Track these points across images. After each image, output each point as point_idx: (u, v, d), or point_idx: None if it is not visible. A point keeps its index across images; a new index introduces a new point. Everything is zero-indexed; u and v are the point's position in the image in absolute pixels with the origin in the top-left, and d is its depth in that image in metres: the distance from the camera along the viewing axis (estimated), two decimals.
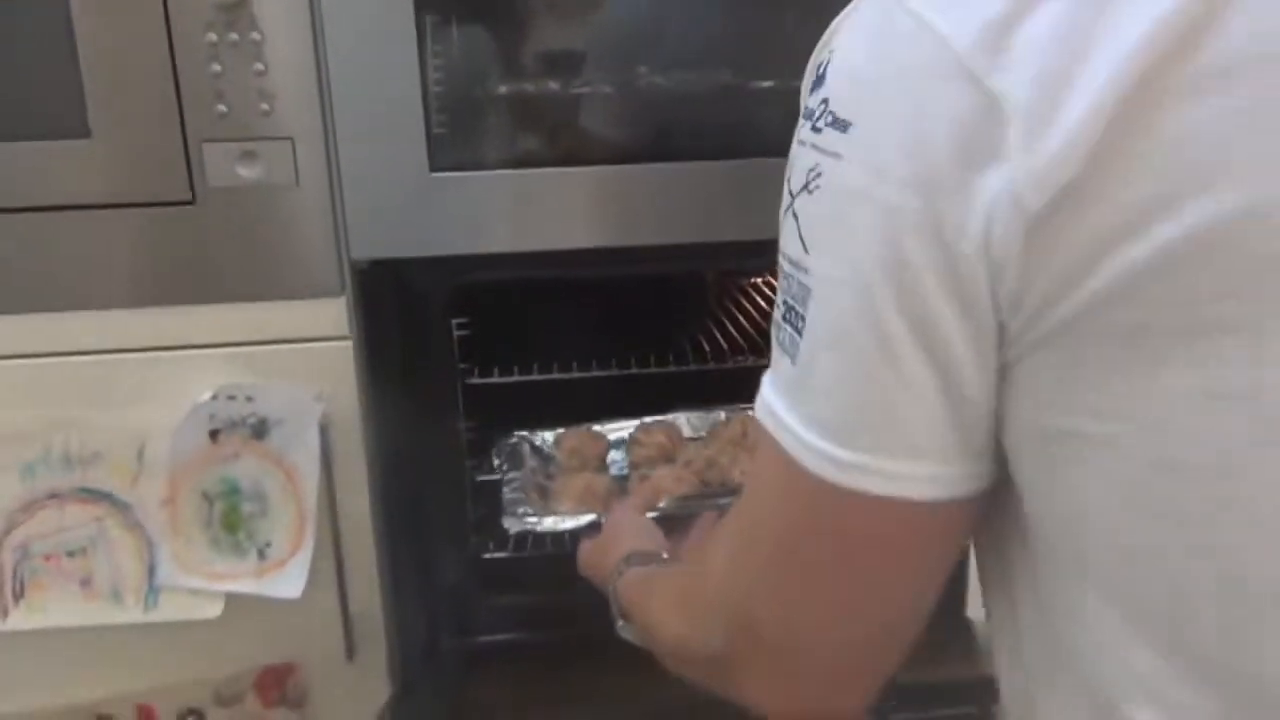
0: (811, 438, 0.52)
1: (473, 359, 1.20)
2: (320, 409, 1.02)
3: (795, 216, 0.52)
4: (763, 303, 1.38)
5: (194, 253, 0.99)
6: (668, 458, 1.25)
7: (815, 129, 0.51)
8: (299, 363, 1.02)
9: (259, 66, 0.95)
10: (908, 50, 0.48)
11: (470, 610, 1.19)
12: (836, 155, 0.50)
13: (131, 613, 1.05)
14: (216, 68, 0.94)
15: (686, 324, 1.41)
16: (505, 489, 1.18)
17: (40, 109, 0.94)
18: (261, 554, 1.05)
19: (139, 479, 1.02)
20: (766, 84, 1.03)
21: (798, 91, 0.55)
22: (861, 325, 0.49)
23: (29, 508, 1.02)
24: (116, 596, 1.05)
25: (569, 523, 1.13)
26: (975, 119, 0.45)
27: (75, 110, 0.94)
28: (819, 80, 0.52)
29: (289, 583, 1.04)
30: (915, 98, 0.47)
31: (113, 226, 0.97)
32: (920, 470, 0.51)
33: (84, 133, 0.94)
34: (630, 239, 1.02)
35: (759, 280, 1.40)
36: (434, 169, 0.99)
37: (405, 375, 1.04)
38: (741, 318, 1.39)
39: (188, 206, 0.97)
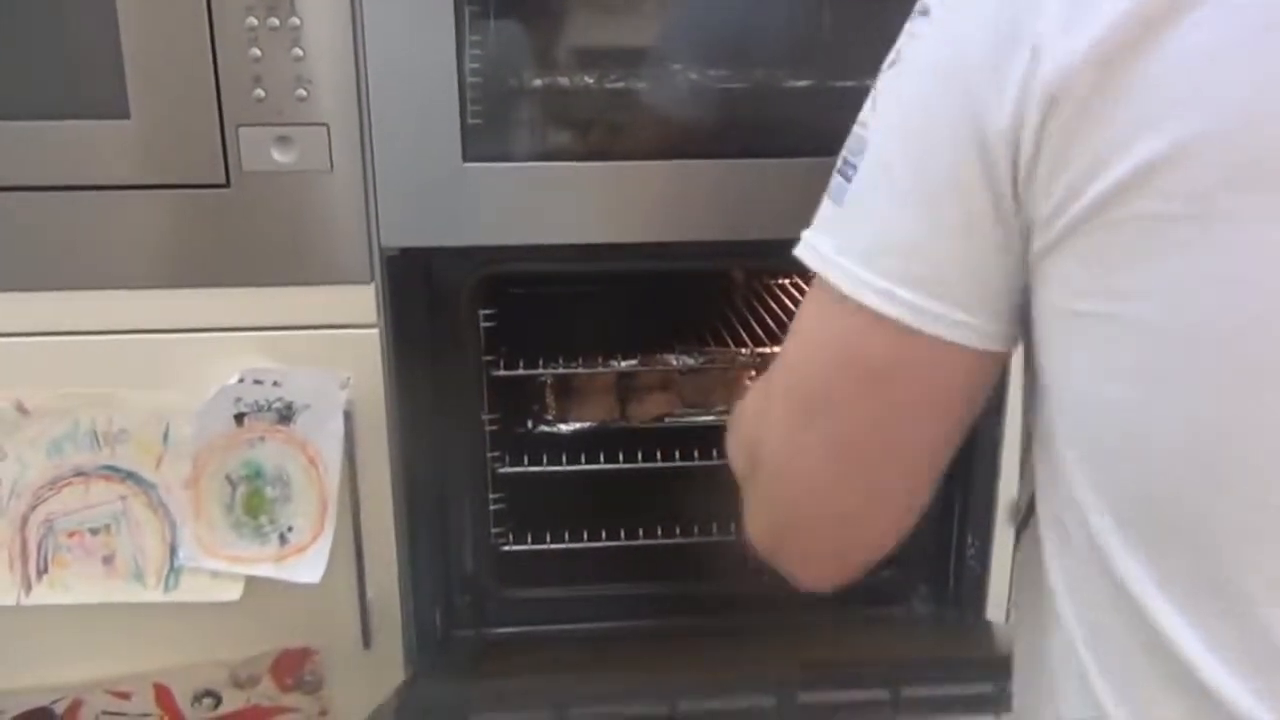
0: (848, 262, 0.57)
1: (498, 351, 1.20)
2: (346, 395, 1.02)
3: (874, 89, 0.58)
4: (789, 303, 1.37)
5: (225, 236, 0.99)
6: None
7: (911, 22, 0.57)
8: (326, 349, 1.03)
9: (297, 52, 0.95)
10: None
11: (488, 602, 1.19)
12: (916, 37, 0.56)
13: (152, 592, 1.06)
14: (256, 52, 0.94)
15: (713, 320, 1.41)
16: None
17: (82, 89, 0.95)
18: (283, 539, 1.05)
19: (164, 459, 1.03)
20: (801, 84, 1.03)
21: (832, 92, 0.59)
22: (904, 167, 0.55)
23: (55, 484, 1.03)
24: (138, 576, 1.05)
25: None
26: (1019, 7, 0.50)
27: (116, 91, 0.94)
28: None
29: (309, 568, 1.05)
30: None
31: (147, 207, 0.98)
32: (944, 310, 0.55)
33: (124, 113, 0.95)
34: (660, 235, 1.02)
35: (786, 281, 1.40)
36: (467, 159, 0.99)
37: (431, 365, 1.04)
38: (768, 317, 1.38)
39: (221, 190, 0.98)
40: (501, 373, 1.20)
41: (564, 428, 1.35)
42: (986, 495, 1.15)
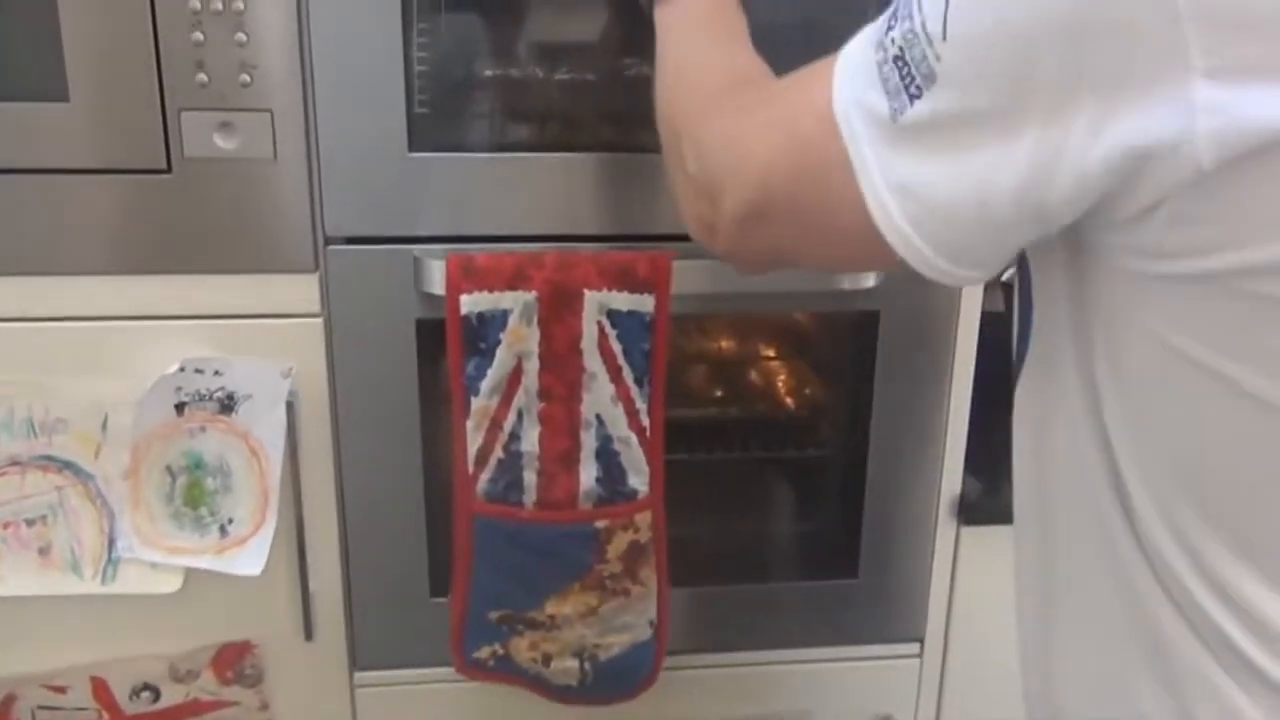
0: (879, 177, 0.56)
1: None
2: (288, 385, 1.02)
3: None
4: None
5: (167, 222, 0.98)
6: None
7: None
8: (269, 338, 1.02)
9: (241, 37, 0.94)
10: None
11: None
12: None
13: (89, 584, 1.04)
14: (198, 36, 0.93)
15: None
16: None
17: (19, 70, 0.93)
18: (223, 530, 1.04)
19: (102, 449, 1.01)
20: None
21: None
22: (973, 137, 0.53)
23: None
24: (75, 567, 1.04)
25: None
26: (1160, 44, 0.47)
27: (55, 73, 0.93)
28: None
29: (250, 560, 1.04)
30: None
31: (87, 192, 0.97)
32: (943, 265, 0.57)
33: (62, 96, 0.93)
34: (608, 228, 1.03)
35: None
36: (413, 149, 0.99)
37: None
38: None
39: (163, 175, 0.97)
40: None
41: None
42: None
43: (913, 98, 0.54)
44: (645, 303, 0.99)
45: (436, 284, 0.98)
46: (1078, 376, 0.61)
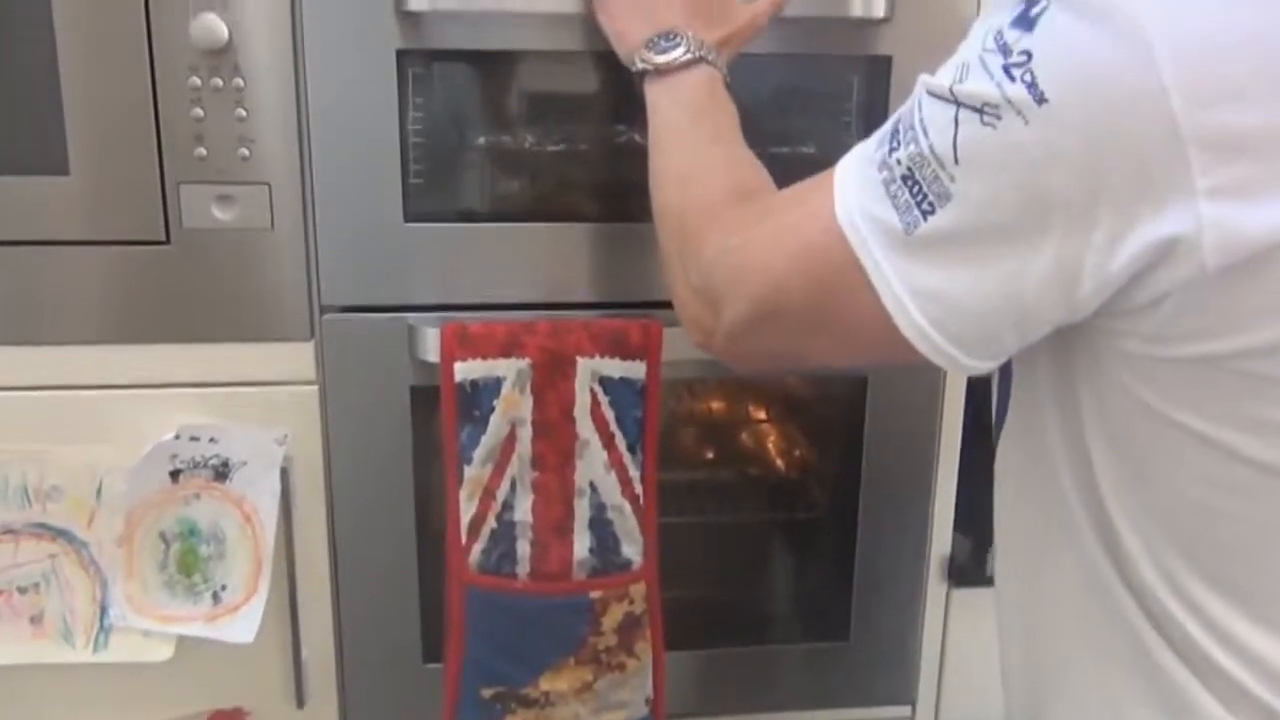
0: (897, 284, 0.58)
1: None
2: (283, 452, 1.02)
3: (956, 122, 0.55)
4: None
5: (165, 292, 0.99)
6: None
7: (1008, 72, 0.53)
8: (264, 405, 1.03)
9: (240, 112, 0.96)
10: (1129, 93, 0.50)
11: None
12: (1022, 118, 0.52)
13: (81, 653, 1.04)
14: (198, 111, 0.95)
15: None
16: None
17: (21, 144, 0.95)
18: (216, 597, 1.04)
19: (96, 516, 1.02)
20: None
21: (782, 160, 0.58)
22: (992, 250, 0.55)
23: None
24: (67, 635, 1.04)
25: None
26: (1165, 167, 0.50)
27: (56, 147, 0.94)
28: (1028, 21, 0.53)
29: (242, 627, 1.04)
30: (1115, 127, 0.51)
31: (86, 263, 0.98)
32: (959, 356, 0.59)
33: (63, 170, 0.95)
34: (602, 296, 1.04)
35: None
36: (408, 219, 1.00)
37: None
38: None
39: (161, 246, 0.98)
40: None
41: None
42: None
43: (926, 213, 0.56)
44: (637, 369, 1.00)
45: (431, 351, 0.99)
46: (1061, 436, 0.63)
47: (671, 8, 0.88)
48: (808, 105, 1.12)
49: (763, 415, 1.36)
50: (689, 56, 0.85)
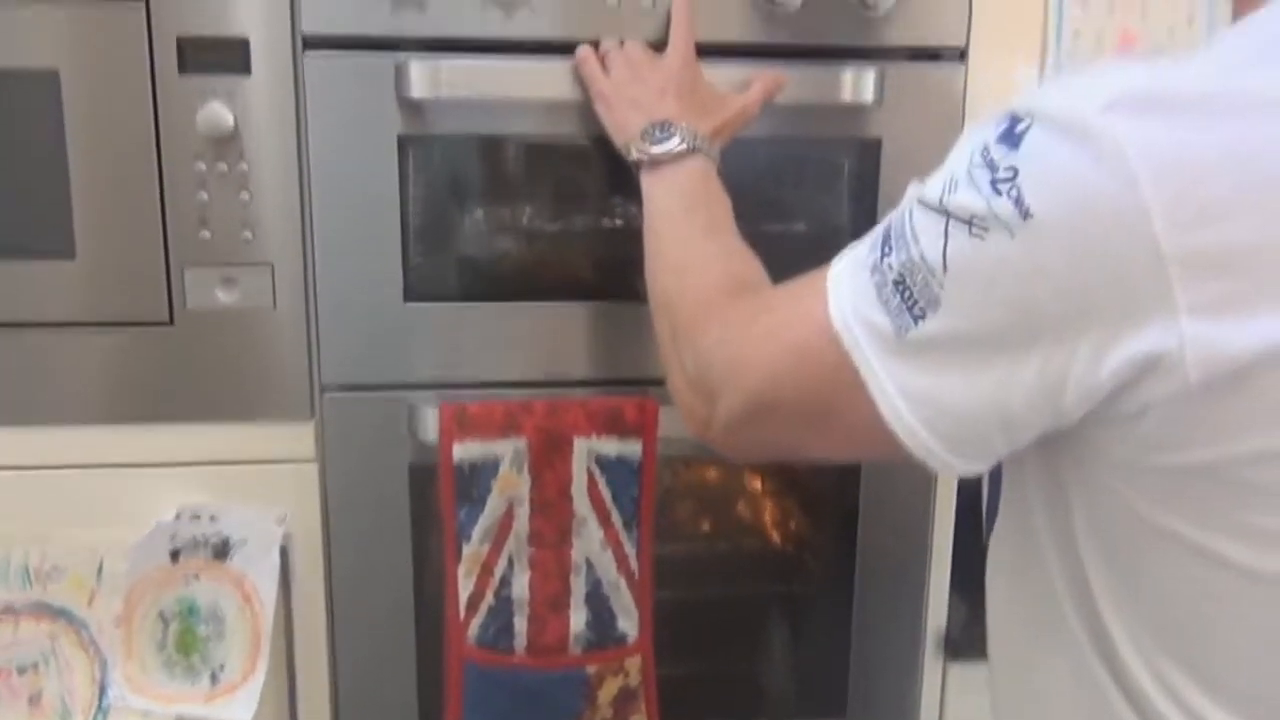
0: (890, 386, 0.59)
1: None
2: (282, 531, 1.03)
3: (946, 234, 0.57)
4: None
5: (167, 373, 1.00)
6: None
7: (995, 187, 0.54)
8: (263, 482, 1.04)
9: (244, 195, 0.98)
10: (1111, 213, 0.51)
11: None
12: (1009, 232, 0.54)
13: None
14: (203, 196, 0.97)
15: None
16: None
17: (29, 229, 0.97)
18: (214, 677, 1.04)
19: (96, 596, 1.02)
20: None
21: (775, 237, 0.59)
22: (982, 357, 0.57)
23: None
24: (65, 716, 1.03)
25: None
26: (1147, 285, 0.51)
27: (63, 232, 0.96)
28: (1013, 139, 0.55)
29: (240, 708, 1.04)
30: (1098, 244, 0.52)
31: (89, 344, 0.99)
32: (950, 458, 0.60)
33: (69, 254, 0.97)
34: (595, 373, 1.05)
35: None
36: (408, 298, 1.02)
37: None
38: None
39: (165, 327, 0.99)
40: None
41: None
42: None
43: (917, 318, 0.58)
44: (633, 448, 1.01)
45: (430, 431, 1.01)
46: (1052, 538, 0.64)
47: (666, 100, 0.90)
48: (800, 184, 1.14)
49: (758, 486, 1.37)
50: (683, 148, 0.87)
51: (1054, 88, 0.56)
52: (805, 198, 1.14)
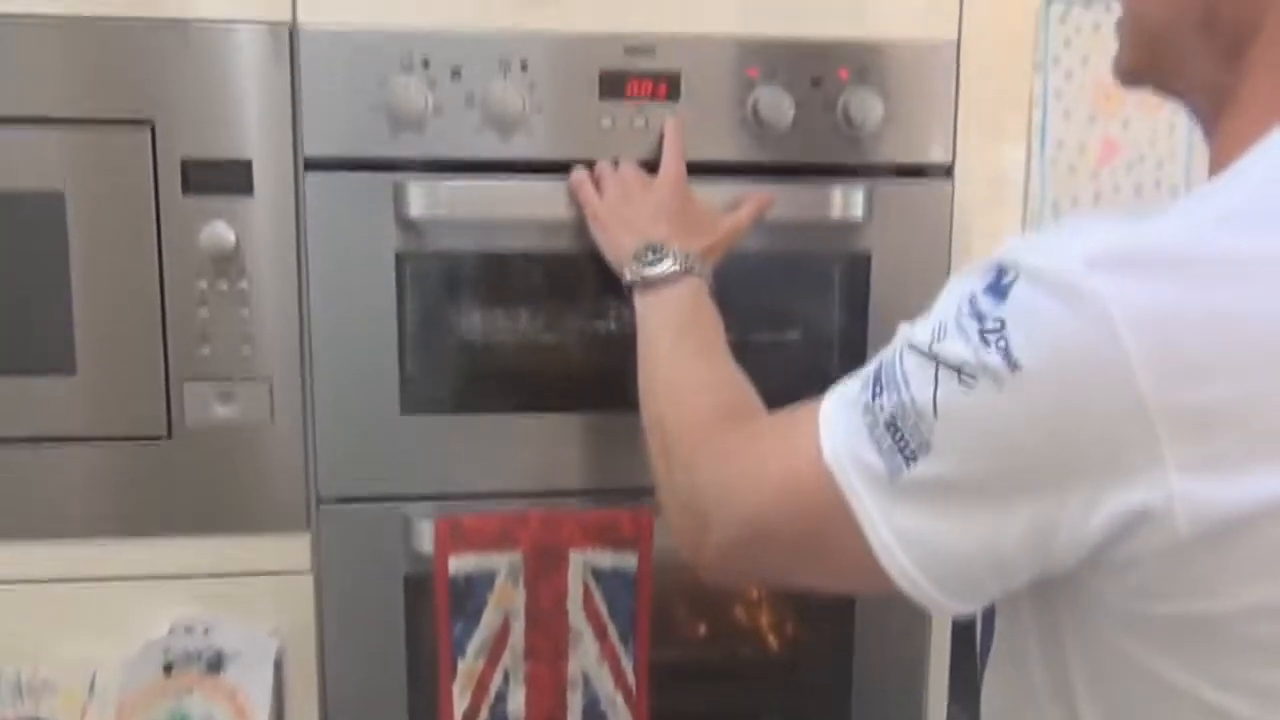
0: (884, 528, 0.60)
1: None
2: (276, 644, 1.03)
3: (935, 380, 0.57)
4: None
5: (164, 486, 1.01)
6: None
7: (984, 338, 0.55)
8: (258, 595, 1.04)
9: (244, 312, 0.99)
10: (1096, 367, 0.52)
11: None
12: (997, 383, 0.54)
13: None
14: (204, 312, 0.99)
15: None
16: None
17: (29, 346, 0.98)
18: None
19: (89, 711, 1.01)
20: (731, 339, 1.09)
21: (767, 347, 0.59)
22: (971, 503, 0.57)
23: None
24: None
25: None
26: (1134, 440, 0.52)
27: (64, 349, 0.97)
28: (999, 291, 0.56)
29: None
30: (1084, 398, 0.53)
31: (86, 459, 1.00)
32: (939, 597, 0.60)
33: (70, 370, 0.98)
34: (590, 484, 1.06)
35: None
36: (404, 411, 1.03)
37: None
38: None
39: (163, 441, 1.00)
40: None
41: None
42: None
43: (909, 460, 0.58)
44: (629, 560, 1.01)
45: (426, 543, 1.01)
46: (1046, 678, 0.64)
47: (658, 222, 0.92)
48: (791, 295, 1.16)
49: (754, 594, 1.37)
50: (675, 269, 0.89)
51: (1038, 241, 0.57)
52: (797, 309, 1.16)
